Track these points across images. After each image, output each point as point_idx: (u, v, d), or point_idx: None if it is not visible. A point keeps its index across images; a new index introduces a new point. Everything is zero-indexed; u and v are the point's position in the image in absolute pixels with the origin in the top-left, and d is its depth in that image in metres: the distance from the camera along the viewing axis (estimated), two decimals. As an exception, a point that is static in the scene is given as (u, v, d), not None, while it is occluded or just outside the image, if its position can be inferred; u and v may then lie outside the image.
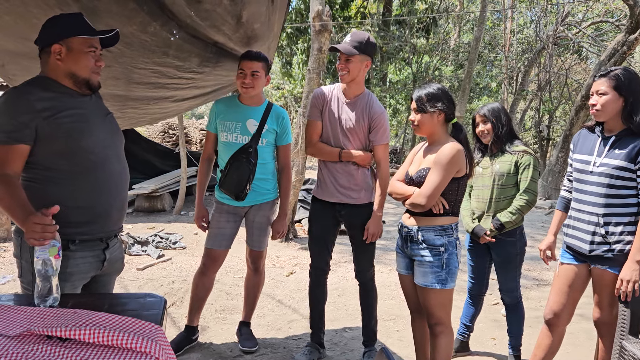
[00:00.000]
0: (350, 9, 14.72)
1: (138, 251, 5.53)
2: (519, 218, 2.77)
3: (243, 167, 2.83)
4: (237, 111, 2.91)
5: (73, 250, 1.86)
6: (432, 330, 2.41)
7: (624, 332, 2.41)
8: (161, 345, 1.28)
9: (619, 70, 2.26)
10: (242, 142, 2.88)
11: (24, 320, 1.37)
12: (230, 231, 3.03)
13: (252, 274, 3.21)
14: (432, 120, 2.34)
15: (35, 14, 1.86)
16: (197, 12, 2.09)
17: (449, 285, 2.33)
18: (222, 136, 2.93)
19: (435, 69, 16.49)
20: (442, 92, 2.34)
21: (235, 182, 2.83)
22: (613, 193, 2.27)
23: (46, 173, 1.84)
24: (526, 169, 2.77)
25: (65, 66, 1.85)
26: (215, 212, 3.03)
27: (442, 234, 2.33)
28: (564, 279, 2.52)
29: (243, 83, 2.80)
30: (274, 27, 2.64)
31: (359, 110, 2.81)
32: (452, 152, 2.26)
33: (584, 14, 15.64)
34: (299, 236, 6.64)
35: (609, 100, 2.24)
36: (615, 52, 9.04)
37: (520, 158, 2.78)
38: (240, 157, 2.83)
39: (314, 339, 3.13)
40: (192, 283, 3.11)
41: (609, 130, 2.33)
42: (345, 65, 2.71)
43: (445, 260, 2.31)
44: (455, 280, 2.36)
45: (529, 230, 7.55)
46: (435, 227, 2.34)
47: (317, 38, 5.70)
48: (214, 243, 3.01)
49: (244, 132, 2.89)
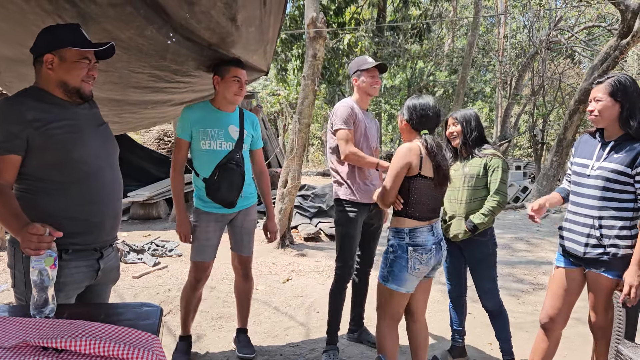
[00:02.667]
0: (345, 15, 14.79)
1: (134, 259, 5.51)
2: (491, 219, 2.83)
3: (234, 175, 2.81)
4: (217, 118, 2.85)
5: (66, 260, 1.85)
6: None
7: (620, 336, 2.42)
8: (157, 355, 1.27)
9: (614, 77, 2.29)
10: (227, 149, 2.84)
11: (19, 332, 1.36)
12: (217, 241, 3.00)
13: (243, 281, 3.16)
14: (401, 126, 2.54)
15: (33, 20, 1.85)
16: (191, 13, 2.10)
17: (390, 285, 2.41)
18: (203, 144, 2.82)
19: (430, 74, 16.57)
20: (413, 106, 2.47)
21: (227, 191, 2.81)
22: (609, 196, 2.29)
23: (38, 184, 1.83)
24: (495, 171, 2.83)
25: (56, 75, 1.85)
26: (200, 223, 2.92)
27: (395, 236, 2.44)
28: (559, 283, 2.53)
29: (239, 90, 2.80)
30: (269, 31, 2.64)
31: (372, 120, 3.24)
32: (401, 150, 2.37)
33: (577, 18, 15.79)
34: (295, 242, 6.63)
35: (605, 106, 2.28)
36: (608, 57, 9.11)
37: (489, 161, 2.84)
38: (230, 164, 2.81)
39: (333, 341, 3.15)
40: (183, 297, 3.05)
41: (609, 136, 2.36)
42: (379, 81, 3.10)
43: (390, 260, 2.41)
44: (399, 284, 2.39)
45: (525, 234, 7.57)
46: (392, 228, 2.47)
47: (311, 45, 5.72)
48: (204, 256, 2.95)
49: (227, 138, 2.85)
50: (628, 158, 2.23)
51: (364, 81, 3.08)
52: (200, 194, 2.91)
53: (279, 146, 12.98)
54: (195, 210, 2.96)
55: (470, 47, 11.63)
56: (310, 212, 8.03)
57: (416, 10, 15.81)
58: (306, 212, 8.05)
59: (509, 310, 3.12)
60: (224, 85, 2.79)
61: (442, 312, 3.89)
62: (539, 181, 10.84)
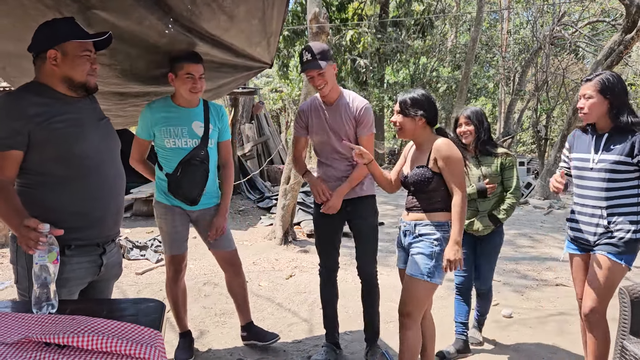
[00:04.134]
0: (347, 11, 14.76)
1: (137, 255, 5.52)
2: (510, 213, 3.04)
3: (197, 172, 2.76)
4: (180, 115, 2.78)
5: (69, 256, 1.84)
6: (400, 322, 2.44)
7: (625, 332, 2.41)
8: (160, 351, 1.26)
9: (603, 75, 2.42)
10: (192, 145, 2.78)
11: (22, 327, 1.35)
12: (186, 233, 2.98)
13: (234, 276, 3.10)
14: (413, 125, 2.39)
15: (34, 15, 1.85)
16: (193, 5, 2.08)
17: (435, 280, 2.34)
18: (167, 143, 2.76)
19: (433, 70, 16.52)
20: (426, 99, 2.39)
21: (189, 188, 2.76)
22: (613, 186, 2.41)
23: (40, 179, 1.83)
24: (510, 169, 3.02)
25: (61, 71, 1.84)
26: (167, 217, 2.89)
27: (438, 230, 2.37)
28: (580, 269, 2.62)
29: (193, 87, 2.66)
30: (272, 23, 2.62)
31: (342, 111, 2.87)
32: (449, 143, 2.34)
33: (580, 13, 15.70)
34: (298, 239, 6.63)
35: (595, 103, 2.41)
36: (612, 52, 9.04)
37: (504, 159, 3.02)
38: (193, 161, 2.75)
39: (329, 339, 3.13)
40: (168, 294, 3.06)
41: (601, 128, 2.49)
42: (321, 79, 2.76)
43: (436, 254, 2.34)
44: (442, 278, 2.37)
45: (529, 230, 7.55)
46: (432, 222, 2.38)
47: (314, 40, 5.70)
48: (178, 248, 2.95)
49: (192, 135, 2.78)
50: (626, 148, 2.36)
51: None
52: (162, 188, 2.86)
53: (281, 143, 12.99)
54: (158, 204, 2.92)
55: (474, 42, 11.59)
56: (312, 209, 8.01)
57: (419, 5, 15.76)
58: (309, 209, 8.04)
59: (512, 307, 3.12)
60: (178, 82, 2.66)
61: (445, 309, 3.88)
62: (543, 177, 10.80)
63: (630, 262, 2.40)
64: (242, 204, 9.18)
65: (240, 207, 8.87)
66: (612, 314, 2.52)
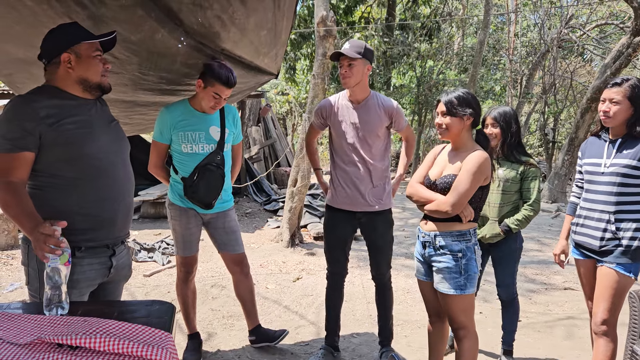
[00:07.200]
0: (354, 14, 14.77)
1: (144, 258, 5.54)
2: (524, 225, 2.86)
3: (214, 177, 2.78)
4: (197, 120, 2.79)
5: (79, 258, 1.86)
6: (456, 334, 2.40)
7: (635, 336, 2.39)
8: (171, 353, 1.27)
9: (632, 81, 2.39)
10: (209, 150, 2.81)
11: (34, 329, 1.37)
12: (198, 234, 3.00)
13: (243, 279, 3.11)
14: (461, 125, 2.30)
15: (45, 22, 1.87)
16: (204, 18, 2.10)
17: (468, 290, 2.29)
18: (184, 147, 2.78)
19: (440, 73, 16.47)
20: (472, 97, 2.31)
21: (206, 192, 2.78)
22: (624, 191, 2.40)
23: (51, 180, 1.84)
24: (533, 180, 2.84)
25: (76, 73, 1.87)
26: (180, 218, 2.91)
27: (460, 240, 2.29)
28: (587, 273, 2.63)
29: (215, 106, 2.73)
30: (282, 34, 2.64)
31: (374, 109, 2.84)
32: (481, 160, 2.22)
33: (588, 16, 15.61)
34: (305, 241, 6.63)
35: (621, 109, 2.40)
36: (620, 55, 8.99)
37: (527, 169, 2.85)
38: (210, 166, 2.77)
39: (328, 341, 3.13)
40: (179, 295, 3.08)
41: (615, 134, 2.49)
42: (348, 70, 2.74)
43: (464, 266, 2.28)
44: (475, 285, 2.33)
45: (536, 234, 7.51)
46: (453, 233, 2.30)
47: (321, 43, 5.72)
48: (190, 249, 2.97)
49: (209, 140, 2.81)
50: (638, 153, 2.36)
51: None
52: (177, 191, 2.88)
53: (288, 145, 12.99)
54: (172, 206, 2.94)
55: (481, 45, 11.55)
56: (319, 211, 8.03)
57: (426, 8, 15.75)
58: (316, 211, 8.05)
59: (520, 311, 3.10)
60: (204, 94, 2.70)
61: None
62: (551, 180, 10.74)
63: (637, 272, 2.40)
64: (249, 206, 9.19)
65: (247, 210, 8.88)
66: (621, 319, 2.50)
